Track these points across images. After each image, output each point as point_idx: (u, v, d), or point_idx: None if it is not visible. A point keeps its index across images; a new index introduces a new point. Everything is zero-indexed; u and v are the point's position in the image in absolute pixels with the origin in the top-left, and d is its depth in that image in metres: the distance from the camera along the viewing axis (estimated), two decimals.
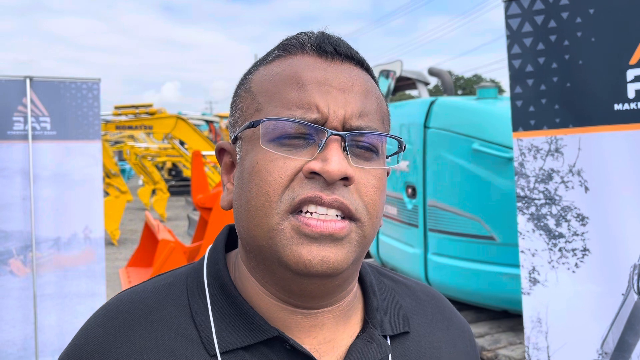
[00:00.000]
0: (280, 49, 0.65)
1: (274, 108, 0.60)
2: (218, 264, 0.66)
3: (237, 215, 0.63)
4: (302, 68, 0.61)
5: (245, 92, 0.65)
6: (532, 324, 2.12)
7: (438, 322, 0.76)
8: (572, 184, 2.02)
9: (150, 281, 0.69)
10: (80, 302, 3.52)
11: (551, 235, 2.07)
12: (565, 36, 2.01)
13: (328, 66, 0.62)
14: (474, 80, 38.51)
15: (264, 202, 0.58)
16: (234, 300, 0.63)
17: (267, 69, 0.64)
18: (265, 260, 0.60)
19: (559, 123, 2.04)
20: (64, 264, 3.52)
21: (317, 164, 0.57)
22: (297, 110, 0.59)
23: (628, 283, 1.94)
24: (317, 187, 0.57)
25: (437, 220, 3.72)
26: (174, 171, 22.84)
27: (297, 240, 0.57)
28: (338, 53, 0.63)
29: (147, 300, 0.65)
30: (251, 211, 0.59)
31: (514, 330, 3.41)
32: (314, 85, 0.60)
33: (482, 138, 3.39)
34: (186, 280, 0.67)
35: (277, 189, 0.58)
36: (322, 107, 0.59)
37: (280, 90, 0.61)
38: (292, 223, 0.57)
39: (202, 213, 5.72)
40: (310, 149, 0.59)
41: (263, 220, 0.58)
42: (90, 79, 3.60)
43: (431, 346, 0.72)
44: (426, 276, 3.87)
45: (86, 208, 3.56)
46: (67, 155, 3.52)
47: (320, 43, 0.63)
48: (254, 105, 0.63)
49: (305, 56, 0.63)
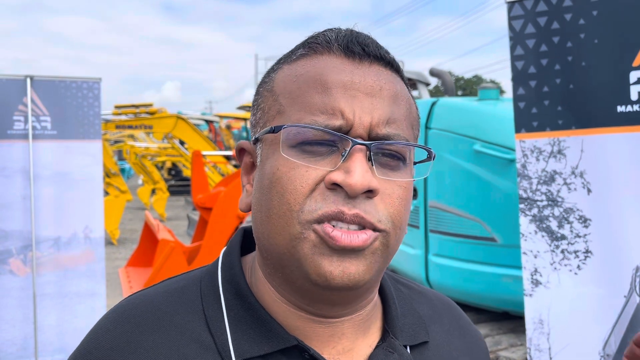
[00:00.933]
0: (306, 47, 0.61)
1: (296, 112, 0.57)
2: (233, 269, 0.64)
3: (256, 220, 0.61)
4: (328, 70, 0.58)
5: (267, 91, 0.62)
6: (534, 326, 2.11)
7: (455, 331, 0.74)
8: (575, 185, 2.02)
9: (161, 284, 0.67)
10: (80, 302, 3.52)
11: (553, 237, 2.07)
12: (568, 38, 2.00)
13: (355, 68, 0.58)
14: (475, 81, 38.53)
15: (285, 210, 0.56)
16: (250, 307, 0.61)
17: (291, 68, 0.61)
18: (285, 267, 0.58)
19: (562, 125, 2.03)
20: (64, 264, 3.52)
21: (339, 175, 0.54)
22: (320, 115, 0.56)
23: (630, 285, 1.94)
24: (339, 200, 0.55)
25: (438, 222, 3.72)
26: (174, 171, 22.83)
27: (319, 251, 0.55)
28: (367, 53, 0.59)
29: (160, 304, 0.62)
30: (272, 218, 0.57)
31: (515, 332, 3.40)
32: (340, 89, 0.57)
33: (483, 139, 3.39)
34: (200, 285, 0.64)
35: (299, 198, 0.55)
36: (347, 113, 0.56)
37: (304, 93, 0.58)
38: (317, 232, 0.55)
39: (202, 213, 5.72)
40: (333, 157, 0.56)
41: (285, 229, 0.56)
42: (90, 78, 3.59)
43: (449, 356, 0.70)
44: (427, 277, 3.86)
45: (86, 208, 3.56)
46: (67, 154, 3.52)
47: (348, 42, 0.59)
48: (275, 106, 0.60)
49: (331, 56, 0.59)
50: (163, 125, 9.94)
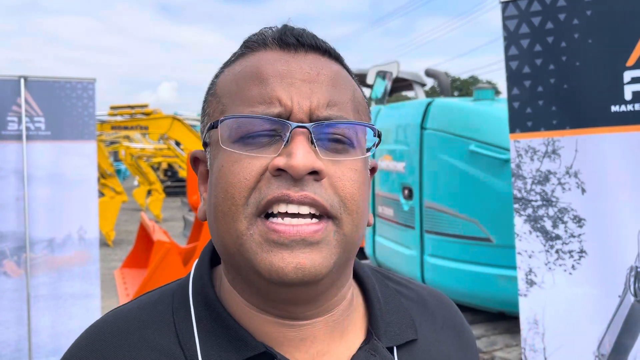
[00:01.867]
0: (243, 47, 0.62)
1: (236, 107, 0.57)
2: (203, 279, 0.63)
3: (209, 225, 0.60)
4: (263, 62, 0.58)
5: (211, 96, 0.63)
6: (528, 326, 2.11)
7: (448, 329, 0.71)
8: (569, 185, 2.02)
9: (137, 300, 0.67)
10: (75, 304, 3.51)
11: (548, 237, 2.07)
12: (562, 38, 2.00)
13: (291, 58, 0.59)
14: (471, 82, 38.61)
15: (230, 206, 0.54)
16: (218, 316, 0.60)
17: (230, 70, 0.62)
18: (240, 268, 0.57)
19: (556, 124, 2.03)
20: (58, 265, 3.50)
21: (281, 159, 0.53)
22: (259, 106, 0.56)
23: (624, 285, 1.94)
24: (284, 184, 0.53)
25: (434, 222, 3.72)
26: (170, 172, 22.80)
27: (267, 248, 0.53)
28: (301, 44, 0.59)
29: (131, 320, 0.62)
30: (219, 217, 0.56)
31: (510, 332, 3.41)
32: (276, 79, 0.57)
33: (478, 139, 3.39)
34: (172, 298, 0.64)
35: (243, 191, 0.54)
36: (284, 100, 0.55)
37: (242, 89, 0.58)
38: (260, 229, 0.53)
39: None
40: (276, 146, 0.55)
41: (231, 226, 0.55)
42: (85, 78, 3.58)
43: (441, 354, 0.68)
44: (422, 278, 3.86)
45: (81, 209, 3.54)
46: (61, 155, 3.50)
47: (281, 35, 0.60)
48: (219, 107, 0.60)
49: (267, 51, 0.60)
50: (159, 126, 9.92)
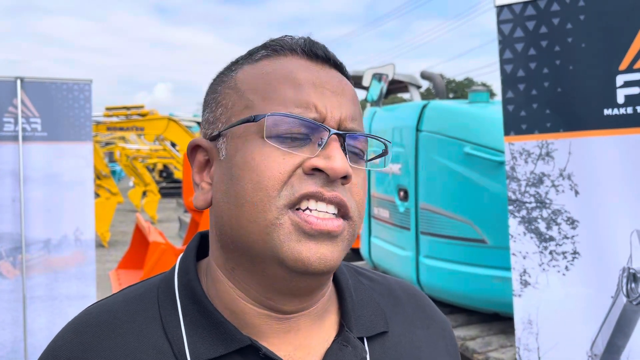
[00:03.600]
0: (268, 49, 0.64)
1: (269, 105, 0.59)
2: (189, 273, 0.65)
3: (221, 213, 0.61)
4: (297, 68, 0.61)
5: (229, 89, 0.63)
6: (523, 326, 2.13)
7: (418, 321, 0.75)
8: (563, 187, 2.04)
9: (120, 293, 0.68)
10: (71, 305, 3.51)
11: (542, 239, 2.09)
12: (556, 42, 2.03)
13: (320, 70, 0.63)
14: (466, 84, 38.72)
15: (262, 197, 0.57)
16: (205, 310, 0.61)
17: (255, 67, 0.63)
18: (256, 257, 0.59)
19: (550, 127, 2.06)
20: (54, 266, 3.50)
21: (320, 160, 0.57)
22: (295, 108, 0.59)
23: (617, 286, 1.96)
24: (318, 183, 0.57)
25: (429, 223, 3.74)
26: (165, 173, 22.74)
27: (296, 237, 0.57)
28: (328, 58, 0.64)
29: (117, 312, 0.63)
30: (245, 207, 0.58)
31: (505, 333, 3.43)
32: (310, 86, 0.60)
33: (473, 142, 3.41)
34: (157, 291, 0.65)
35: (277, 184, 0.57)
36: (320, 107, 0.59)
37: (275, 89, 0.60)
38: (292, 218, 0.57)
39: (194, 215, 5.71)
40: (308, 147, 0.59)
41: (260, 215, 0.57)
42: (81, 80, 3.58)
43: (411, 345, 0.71)
44: (418, 279, 3.88)
45: (77, 210, 3.54)
46: (58, 156, 3.50)
47: (311, 47, 0.63)
48: (242, 102, 0.61)
49: (295, 57, 0.63)
50: (154, 127, 9.91)
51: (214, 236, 0.64)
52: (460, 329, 3.51)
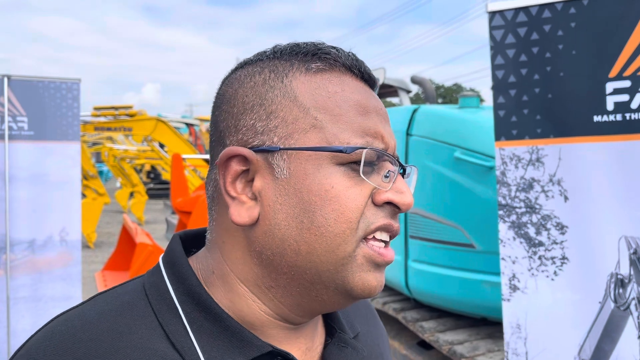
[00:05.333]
0: (323, 60, 0.61)
1: (341, 131, 0.58)
2: (189, 279, 0.60)
3: (282, 236, 0.57)
4: (359, 93, 0.61)
5: (288, 100, 0.59)
6: (511, 330, 2.14)
7: (370, 319, 0.79)
8: (552, 193, 2.06)
9: (98, 302, 0.60)
10: (55, 306, 3.46)
11: (531, 244, 2.10)
12: (547, 48, 2.05)
13: (371, 93, 0.63)
14: (454, 89, 39.00)
15: (345, 229, 0.56)
16: (217, 317, 0.58)
17: (315, 81, 0.60)
18: (318, 284, 0.58)
19: (540, 133, 2.07)
20: (39, 267, 3.45)
21: (394, 195, 0.59)
22: (366, 137, 0.59)
23: (605, 291, 1.98)
24: (387, 215, 0.60)
25: (418, 227, 3.75)
26: (153, 174, 22.60)
27: (367, 268, 0.58)
28: (372, 80, 0.64)
29: (111, 324, 0.56)
30: (325, 237, 0.56)
31: (493, 338, 3.44)
32: (375, 114, 0.60)
33: (464, 146, 3.42)
34: (147, 299, 0.60)
35: (358, 216, 0.57)
36: (386, 138, 0.60)
37: (345, 113, 0.59)
38: (364, 251, 0.58)
39: (181, 217, 5.67)
40: (374, 177, 0.59)
41: (340, 248, 0.57)
42: (70, 79, 3.55)
43: (373, 343, 0.74)
44: (406, 283, 3.89)
45: (63, 210, 3.50)
46: (44, 156, 3.46)
47: (364, 67, 0.63)
48: (307, 119, 0.58)
49: (352, 78, 0.61)
50: (143, 128, 9.84)
51: (248, 254, 0.60)
52: (449, 333, 3.52)
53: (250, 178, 0.59)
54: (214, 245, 0.63)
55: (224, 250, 0.62)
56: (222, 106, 0.63)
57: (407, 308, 4.03)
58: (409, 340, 3.99)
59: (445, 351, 3.33)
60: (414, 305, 4.05)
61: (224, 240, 0.61)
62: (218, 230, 0.62)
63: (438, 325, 3.67)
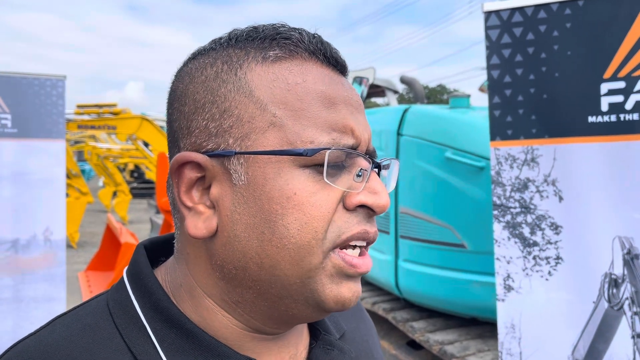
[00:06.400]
0: (282, 47, 0.53)
1: (303, 128, 0.51)
2: (155, 294, 0.55)
3: (242, 249, 0.52)
4: (324, 81, 0.53)
5: (243, 95, 0.52)
6: (506, 330, 2.14)
7: (357, 314, 0.74)
8: (547, 193, 2.06)
9: (57, 326, 0.55)
10: (38, 307, 3.39)
11: (526, 244, 2.10)
12: (542, 49, 2.05)
13: (341, 81, 0.55)
14: (439, 90, 39.26)
15: (310, 239, 0.50)
16: (189, 333, 0.53)
17: (271, 72, 0.52)
18: (285, 298, 0.53)
19: (535, 133, 2.08)
20: (22, 267, 3.38)
21: (367, 197, 0.52)
22: (332, 133, 0.51)
23: (599, 291, 1.98)
24: (361, 220, 0.53)
25: (409, 227, 3.75)
26: (136, 173, 22.37)
27: (337, 280, 0.52)
28: (341, 65, 0.56)
29: (73, 350, 0.51)
30: (287, 249, 0.51)
31: (483, 337, 3.45)
32: (343, 105, 0.53)
33: (454, 146, 3.43)
34: (111, 318, 0.55)
35: (325, 224, 0.51)
36: (357, 132, 0.53)
37: (308, 107, 0.51)
38: (334, 262, 0.52)
39: (166, 216, 5.60)
40: (343, 178, 0.52)
41: (305, 260, 0.51)
42: (55, 75, 3.47)
43: (362, 340, 0.70)
44: (396, 282, 3.88)
45: (47, 209, 3.43)
46: (28, 154, 3.39)
47: (330, 51, 0.55)
48: (265, 117, 0.51)
49: (316, 64, 0.54)
50: (127, 126, 9.71)
51: (211, 267, 0.54)
52: (439, 333, 3.52)
53: (207, 185, 0.53)
54: (181, 255, 0.57)
55: (189, 262, 0.56)
56: (174, 104, 0.56)
57: (397, 308, 4.02)
58: (398, 340, 3.98)
59: (436, 351, 3.33)
60: (404, 305, 4.05)
61: (188, 252, 0.56)
62: (182, 240, 0.57)
63: (428, 325, 3.67)
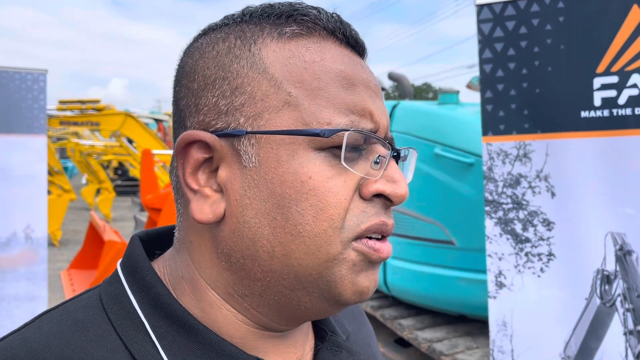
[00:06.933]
0: (299, 23, 0.51)
1: (321, 108, 0.48)
2: (154, 287, 0.52)
3: (253, 236, 0.49)
4: (344, 62, 0.50)
5: (256, 72, 0.49)
6: (497, 327, 2.12)
7: (359, 317, 0.72)
8: (539, 189, 2.04)
9: (44, 323, 0.51)
10: (19, 306, 3.31)
11: (518, 240, 2.08)
12: (535, 43, 2.03)
13: (360, 62, 0.53)
14: (424, 89, 39.44)
15: (326, 228, 0.48)
16: (191, 330, 0.50)
17: (288, 49, 0.50)
18: (298, 290, 0.50)
19: (528, 128, 2.05)
20: (3, 265, 3.29)
21: (386, 185, 0.50)
22: (351, 115, 0.49)
23: (591, 288, 1.97)
24: (380, 211, 0.50)
25: (398, 224, 3.72)
26: (120, 170, 22.12)
27: (358, 269, 0.50)
28: (362, 47, 0.54)
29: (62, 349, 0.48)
30: (302, 237, 0.48)
31: (471, 335, 3.44)
32: (363, 87, 0.50)
33: (443, 143, 3.41)
34: (106, 314, 0.51)
35: (342, 212, 0.48)
36: (376, 115, 0.50)
37: (325, 87, 0.49)
38: (358, 249, 0.49)
39: (151, 214, 5.51)
40: (361, 164, 0.50)
41: (322, 249, 0.48)
42: (36, 69, 3.38)
43: (364, 343, 0.68)
44: (384, 280, 3.86)
45: (29, 206, 3.35)
46: (8, 150, 3.30)
47: (345, 31, 0.52)
48: (279, 95, 0.49)
49: (335, 44, 0.51)
50: (111, 123, 9.57)
51: (216, 256, 0.51)
52: (427, 331, 3.50)
53: (215, 167, 0.51)
54: (182, 245, 0.54)
55: (191, 251, 0.53)
56: (182, 80, 0.53)
57: (385, 305, 4.00)
58: (386, 338, 3.96)
59: (424, 349, 3.31)
60: (392, 303, 4.03)
61: (191, 240, 0.53)
62: (185, 227, 0.53)
63: (416, 322, 3.65)
